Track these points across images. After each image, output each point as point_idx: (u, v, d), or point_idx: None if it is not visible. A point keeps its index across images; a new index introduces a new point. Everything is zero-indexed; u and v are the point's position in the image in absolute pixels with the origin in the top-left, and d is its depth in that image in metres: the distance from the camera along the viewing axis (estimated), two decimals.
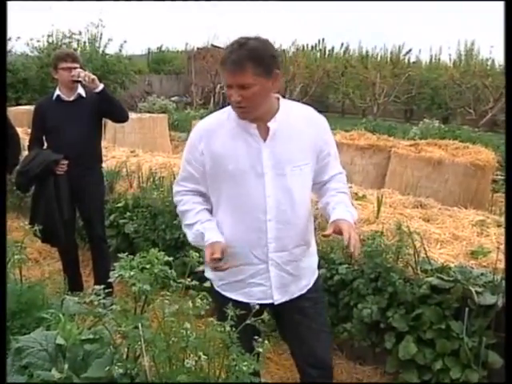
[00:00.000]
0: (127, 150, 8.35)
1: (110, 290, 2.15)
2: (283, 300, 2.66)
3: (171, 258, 1.74)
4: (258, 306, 1.89)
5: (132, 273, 1.61)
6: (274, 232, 2.54)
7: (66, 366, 1.93)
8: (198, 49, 27.79)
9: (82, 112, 4.64)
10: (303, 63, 26.03)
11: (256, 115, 2.48)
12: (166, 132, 13.12)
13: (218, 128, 2.57)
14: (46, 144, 4.82)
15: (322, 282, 4.03)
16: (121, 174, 6.50)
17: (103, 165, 5.07)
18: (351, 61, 27.65)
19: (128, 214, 5.53)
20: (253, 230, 2.55)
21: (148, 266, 1.69)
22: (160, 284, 1.72)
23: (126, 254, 1.75)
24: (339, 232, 2.41)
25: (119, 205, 5.68)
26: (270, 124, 2.50)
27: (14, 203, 7.44)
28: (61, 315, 2.27)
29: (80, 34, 22.94)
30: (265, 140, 2.51)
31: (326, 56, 29.65)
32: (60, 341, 2.09)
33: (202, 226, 2.56)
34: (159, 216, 5.22)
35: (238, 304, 2.07)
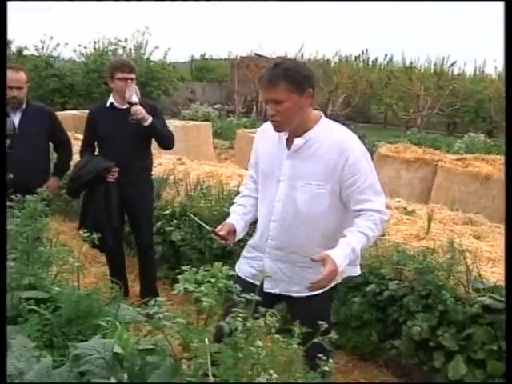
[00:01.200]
0: (173, 158, 8.40)
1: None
2: (273, 291, 2.91)
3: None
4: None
5: (196, 286, 1.60)
6: (273, 232, 2.87)
7: (126, 376, 1.95)
8: (241, 57, 27.91)
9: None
10: (346, 74, 25.91)
11: (289, 129, 2.76)
12: (210, 140, 13.15)
13: (269, 130, 2.86)
14: (97, 150, 4.89)
15: (371, 296, 3.98)
16: (168, 181, 6.54)
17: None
18: (395, 72, 27.41)
19: (175, 221, 5.55)
20: (262, 223, 2.95)
21: (212, 280, 1.68)
22: (222, 298, 1.70)
23: (190, 266, 1.73)
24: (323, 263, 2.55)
25: (166, 212, 5.70)
26: (296, 139, 2.76)
27: (61, 207, 7.55)
28: (118, 324, 2.29)
29: (126, 41, 23.30)
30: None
31: (370, 66, 29.49)
32: (117, 349, 2.10)
33: (232, 208, 3.06)
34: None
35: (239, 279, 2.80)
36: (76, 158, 5.12)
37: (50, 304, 2.45)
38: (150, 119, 4.55)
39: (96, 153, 4.91)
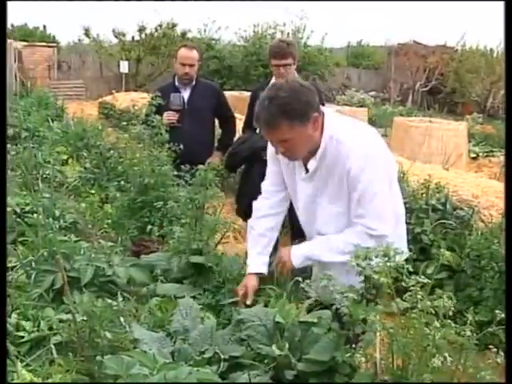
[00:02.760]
0: None
1: None
2: None
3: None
4: None
5: (373, 263, 1.59)
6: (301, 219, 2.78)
7: (287, 345, 1.99)
8: (399, 44, 27.21)
9: None
10: None
11: (303, 155, 2.52)
12: None
13: None
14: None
15: None
16: None
17: None
18: None
19: None
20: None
21: (385, 257, 1.66)
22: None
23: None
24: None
25: None
26: (309, 164, 2.54)
27: (219, 181, 7.80)
28: (283, 293, 2.35)
29: (284, 25, 23.58)
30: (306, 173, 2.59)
31: None
32: (279, 319, 2.16)
33: (250, 242, 2.81)
34: None
35: None
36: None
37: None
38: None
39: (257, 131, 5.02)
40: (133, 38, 23.52)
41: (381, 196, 2.43)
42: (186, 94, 4.90)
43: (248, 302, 2.50)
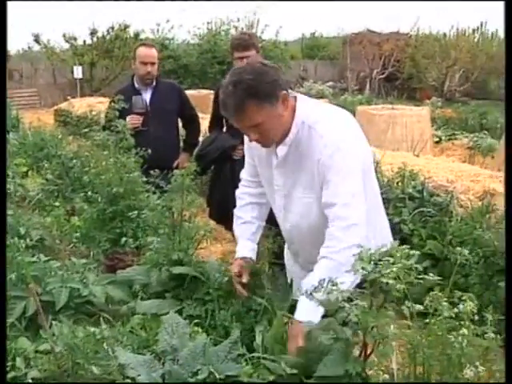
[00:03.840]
0: None
1: None
2: None
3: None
4: None
5: (388, 271, 1.45)
6: (288, 237, 2.68)
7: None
8: (353, 34, 27.34)
9: None
10: (465, 48, 24.70)
11: (278, 139, 2.37)
12: None
13: None
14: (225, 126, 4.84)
15: None
16: None
17: None
18: None
19: None
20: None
21: (391, 260, 1.53)
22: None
23: None
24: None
25: None
26: (278, 150, 2.40)
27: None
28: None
29: (238, 20, 23.48)
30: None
31: (489, 39, 27.92)
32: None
33: (237, 231, 2.70)
34: None
35: None
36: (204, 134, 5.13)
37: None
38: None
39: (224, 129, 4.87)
40: (85, 41, 23.11)
41: (351, 184, 2.26)
42: (147, 95, 4.72)
43: (244, 280, 2.42)
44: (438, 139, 12.40)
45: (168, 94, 4.79)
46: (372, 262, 1.57)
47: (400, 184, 4.68)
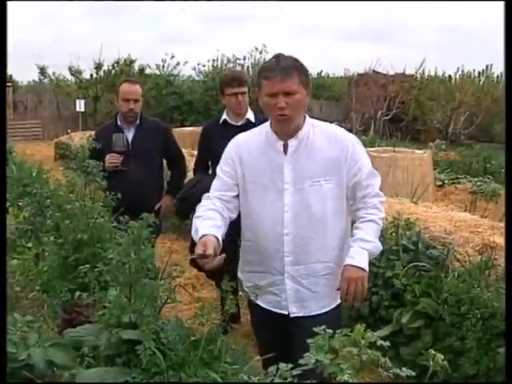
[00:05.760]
0: None
1: None
2: (300, 314, 2.69)
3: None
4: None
5: (330, 359, 1.19)
6: (290, 246, 2.63)
7: None
8: (358, 74, 27.37)
9: None
10: (470, 90, 24.64)
11: (293, 126, 2.57)
12: None
13: (249, 140, 2.75)
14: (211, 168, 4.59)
15: None
16: None
17: None
18: None
19: None
20: (271, 242, 2.66)
21: (354, 350, 1.25)
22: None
23: (323, 328, 1.32)
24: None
25: None
26: (290, 141, 2.60)
27: (175, 224, 7.39)
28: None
29: (244, 59, 23.53)
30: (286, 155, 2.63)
31: (494, 82, 27.88)
32: None
33: (199, 222, 2.58)
34: None
35: (263, 311, 2.75)
36: (190, 175, 4.88)
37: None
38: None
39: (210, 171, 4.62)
40: (91, 75, 23.20)
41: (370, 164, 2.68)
42: (130, 134, 4.49)
43: (208, 252, 2.33)
44: (441, 183, 12.17)
45: (152, 132, 4.56)
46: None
47: (394, 234, 4.39)
